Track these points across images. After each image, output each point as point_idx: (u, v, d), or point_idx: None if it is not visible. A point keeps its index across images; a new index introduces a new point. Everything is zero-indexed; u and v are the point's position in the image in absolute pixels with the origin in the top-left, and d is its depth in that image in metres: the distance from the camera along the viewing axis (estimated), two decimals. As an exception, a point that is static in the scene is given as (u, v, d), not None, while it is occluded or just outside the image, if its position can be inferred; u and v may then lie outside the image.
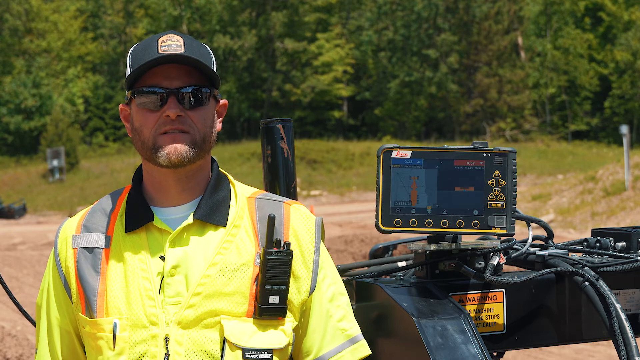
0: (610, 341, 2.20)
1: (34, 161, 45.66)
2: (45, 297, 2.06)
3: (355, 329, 2.04)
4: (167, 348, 1.90)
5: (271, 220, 1.96)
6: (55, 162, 41.28)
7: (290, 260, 1.94)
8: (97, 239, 2.00)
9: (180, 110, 1.93)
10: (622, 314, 2.18)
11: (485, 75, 48.06)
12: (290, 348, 1.98)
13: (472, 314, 2.24)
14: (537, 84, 49.53)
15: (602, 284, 2.22)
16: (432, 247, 2.25)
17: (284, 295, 1.94)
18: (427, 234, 2.25)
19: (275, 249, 1.94)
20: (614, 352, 2.71)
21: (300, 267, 1.99)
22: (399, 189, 2.17)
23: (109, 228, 2.01)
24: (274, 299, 1.93)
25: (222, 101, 2.06)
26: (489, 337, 2.25)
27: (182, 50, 1.94)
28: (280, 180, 2.54)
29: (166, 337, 1.91)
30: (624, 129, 23.55)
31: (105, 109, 51.76)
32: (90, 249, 1.99)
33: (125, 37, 53.39)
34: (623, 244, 2.42)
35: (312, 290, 1.99)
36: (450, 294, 2.23)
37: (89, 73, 52.93)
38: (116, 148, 49.60)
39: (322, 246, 2.04)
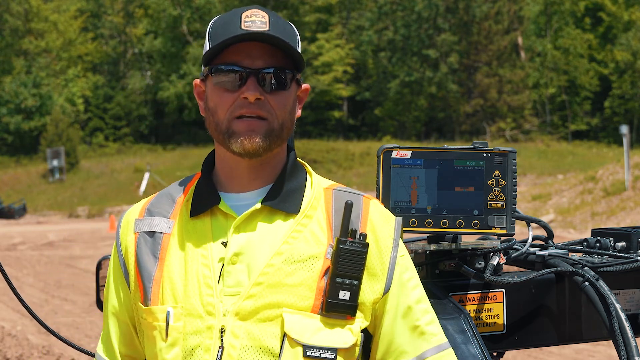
0: (610, 341, 2.20)
1: (34, 161, 45.69)
2: (107, 286, 1.96)
3: (443, 336, 1.88)
4: (222, 340, 1.75)
5: (348, 207, 1.80)
6: (55, 162, 41.32)
7: (365, 254, 1.78)
8: (159, 224, 1.87)
9: (259, 93, 1.77)
10: (622, 314, 2.18)
11: (485, 75, 48.07)
12: (357, 349, 1.80)
13: (472, 314, 2.25)
14: (537, 84, 49.54)
15: (602, 284, 2.22)
16: (432, 247, 2.25)
17: (355, 291, 1.76)
18: (427, 234, 2.25)
19: (350, 239, 1.78)
20: (614, 352, 2.71)
21: (375, 262, 1.82)
22: (399, 189, 2.17)
23: (173, 213, 1.88)
24: (344, 294, 1.76)
25: (305, 85, 1.92)
26: (489, 337, 2.26)
27: (267, 28, 1.78)
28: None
29: (222, 329, 1.76)
30: (624, 129, 23.57)
31: (105, 109, 51.78)
32: (151, 234, 1.86)
33: (125, 37, 53.42)
34: (623, 244, 2.42)
35: (386, 290, 1.82)
36: (450, 294, 2.23)
37: (89, 73, 52.97)
38: (116, 148, 49.63)
39: (402, 246, 1.88)
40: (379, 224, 1.85)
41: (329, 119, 50.62)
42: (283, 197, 1.84)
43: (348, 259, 1.78)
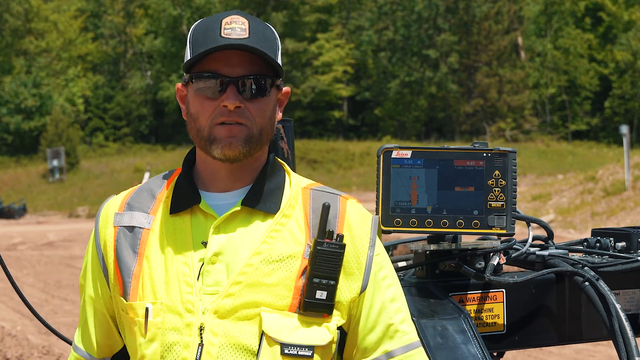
0: (610, 341, 2.20)
1: (34, 161, 45.68)
2: (83, 274, 2.00)
3: (415, 335, 1.92)
4: (201, 337, 1.79)
5: (325, 208, 1.84)
6: (55, 162, 41.31)
7: (342, 254, 1.82)
8: (139, 218, 1.90)
9: (239, 101, 1.81)
10: (622, 314, 2.18)
11: (485, 75, 48.08)
12: (334, 346, 1.85)
13: (472, 314, 2.25)
14: (537, 84, 49.55)
15: (602, 284, 2.22)
16: (432, 247, 2.25)
17: (332, 290, 1.81)
18: (427, 234, 2.25)
19: (327, 240, 1.82)
20: (614, 352, 2.71)
21: (352, 262, 1.85)
22: (399, 189, 2.17)
23: (153, 208, 1.91)
24: (321, 294, 1.80)
25: (285, 89, 1.94)
26: (489, 337, 2.26)
27: (247, 36, 1.81)
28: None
29: (201, 326, 1.80)
30: (624, 129, 23.57)
31: (105, 109, 51.78)
32: (131, 228, 1.90)
33: (125, 37, 53.41)
34: (623, 244, 2.42)
35: (363, 289, 1.86)
36: (450, 294, 2.23)
37: (89, 73, 52.96)
38: (116, 148, 49.62)
39: (380, 244, 1.92)
40: (356, 223, 1.89)
41: (329, 119, 50.62)
42: (262, 198, 1.88)
43: (325, 260, 1.82)
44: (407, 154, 2.17)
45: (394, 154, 2.18)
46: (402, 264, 2.54)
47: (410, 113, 48.99)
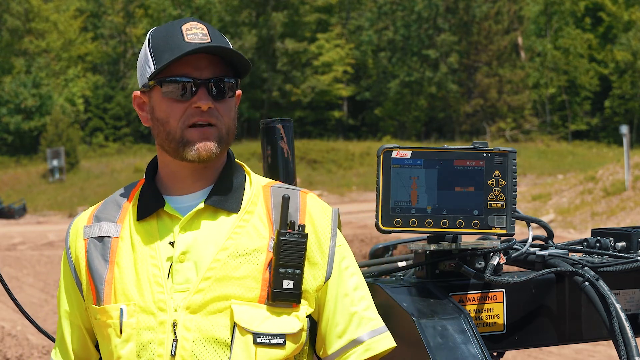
0: (610, 341, 2.20)
1: (34, 161, 45.66)
2: (59, 291, 2.07)
3: (380, 320, 1.99)
4: (175, 334, 1.86)
5: (285, 200, 1.92)
6: (55, 162, 41.29)
7: (305, 244, 1.90)
8: (107, 228, 1.97)
9: (211, 102, 1.89)
10: (622, 314, 2.18)
11: (485, 75, 48.06)
12: (304, 334, 1.92)
13: (472, 314, 2.24)
14: (537, 84, 49.53)
15: (602, 284, 2.22)
16: (432, 247, 2.24)
17: (298, 279, 1.88)
18: (427, 234, 2.25)
19: (289, 231, 1.90)
20: (614, 352, 2.71)
21: (315, 252, 1.93)
22: (399, 189, 2.17)
23: (120, 217, 1.98)
24: (288, 284, 1.87)
25: (237, 92, 2.02)
26: (489, 337, 2.25)
27: (209, 40, 1.90)
28: (280, 180, 2.54)
29: (174, 323, 1.86)
30: (624, 129, 23.55)
31: (105, 109, 51.76)
32: (100, 238, 1.96)
33: (125, 37, 53.40)
34: (623, 244, 2.42)
35: (327, 277, 1.94)
36: (450, 294, 2.23)
37: (89, 73, 52.94)
38: (116, 148, 49.60)
39: (340, 235, 2.00)
40: (317, 215, 1.97)
41: (329, 119, 50.61)
42: (224, 196, 1.95)
43: (289, 250, 1.89)
44: (407, 154, 2.17)
45: (394, 154, 2.17)
46: (402, 264, 2.54)
47: (410, 113, 48.98)
